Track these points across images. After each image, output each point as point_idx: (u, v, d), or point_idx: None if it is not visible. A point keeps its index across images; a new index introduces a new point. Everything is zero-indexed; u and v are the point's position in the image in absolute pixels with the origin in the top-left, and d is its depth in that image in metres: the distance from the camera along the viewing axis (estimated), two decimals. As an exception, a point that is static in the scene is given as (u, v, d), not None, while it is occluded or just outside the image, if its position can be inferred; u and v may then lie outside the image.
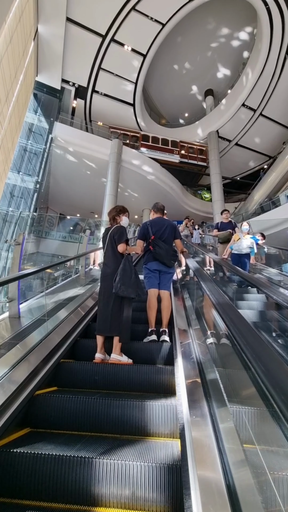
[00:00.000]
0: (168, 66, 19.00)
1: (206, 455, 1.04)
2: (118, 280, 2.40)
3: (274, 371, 0.73)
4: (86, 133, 15.35)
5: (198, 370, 1.66)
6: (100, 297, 2.59)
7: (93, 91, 15.81)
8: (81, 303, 3.11)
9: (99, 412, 1.60)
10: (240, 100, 16.42)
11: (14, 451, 1.25)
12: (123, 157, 15.38)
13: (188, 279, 4.08)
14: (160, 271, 2.95)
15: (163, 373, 2.02)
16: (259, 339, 0.95)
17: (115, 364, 2.14)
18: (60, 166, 15.83)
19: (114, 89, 15.90)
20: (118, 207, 2.87)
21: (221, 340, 1.84)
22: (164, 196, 17.35)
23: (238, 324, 1.14)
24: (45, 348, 2.05)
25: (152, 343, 2.53)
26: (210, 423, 1.19)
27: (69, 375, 2.09)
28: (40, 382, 1.79)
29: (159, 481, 1.15)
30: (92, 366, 2.12)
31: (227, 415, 1.19)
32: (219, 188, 16.31)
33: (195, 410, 1.32)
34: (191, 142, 19.10)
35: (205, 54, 18.46)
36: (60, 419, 1.61)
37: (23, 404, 1.56)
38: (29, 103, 13.60)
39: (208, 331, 2.13)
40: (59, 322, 2.47)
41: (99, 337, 2.37)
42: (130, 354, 2.38)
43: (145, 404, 1.59)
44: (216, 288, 1.88)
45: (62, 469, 1.20)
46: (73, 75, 15.02)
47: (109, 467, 1.19)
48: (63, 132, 14.39)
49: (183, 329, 2.45)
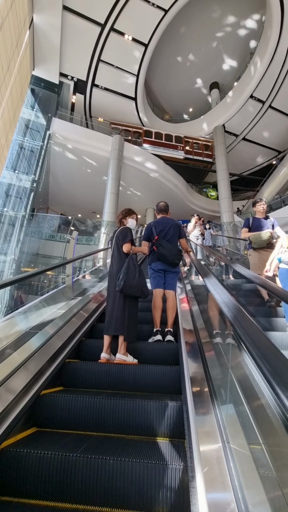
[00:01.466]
0: (171, 59, 18.17)
1: (212, 456, 1.03)
2: (121, 278, 2.44)
3: (280, 369, 0.66)
4: (85, 129, 14.61)
5: (204, 370, 1.63)
6: (107, 297, 2.64)
7: (93, 85, 15.08)
8: (85, 304, 3.08)
9: (105, 412, 1.59)
10: (247, 91, 15.51)
11: (21, 451, 1.25)
12: (124, 154, 14.64)
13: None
14: (165, 270, 2.96)
15: (169, 373, 2.01)
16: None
17: (120, 364, 2.13)
18: (59, 164, 15.16)
19: (115, 83, 15.14)
20: (125, 210, 2.93)
21: (226, 340, 1.77)
22: (168, 194, 16.59)
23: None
24: (50, 348, 2.04)
25: (157, 343, 2.54)
26: (216, 424, 1.16)
27: (74, 375, 2.09)
28: (46, 382, 1.79)
29: (165, 481, 1.15)
30: (97, 366, 2.11)
31: (233, 416, 1.13)
32: (226, 185, 15.43)
33: (201, 410, 1.31)
34: (196, 137, 18.24)
35: (210, 45, 17.58)
36: (66, 419, 1.61)
37: (29, 404, 1.56)
38: (25, 98, 12.94)
39: (214, 330, 2.05)
40: (63, 323, 2.43)
41: (106, 337, 2.38)
42: (136, 354, 2.38)
43: (151, 405, 1.59)
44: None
45: (68, 469, 1.19)
46: (71, 69, 14.30)
47: (115, 468, 1.18)
48: (62, 128, 13.70)
49: (188, 329, 2.42)
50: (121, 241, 2.66)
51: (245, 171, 20.90)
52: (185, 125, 19.29)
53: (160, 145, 17.12)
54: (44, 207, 19.06)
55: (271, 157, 19.80)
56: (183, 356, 1.99)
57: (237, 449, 1.01)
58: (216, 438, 1.09)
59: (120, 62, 14.27)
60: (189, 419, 1.33)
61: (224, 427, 1.11)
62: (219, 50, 17.85)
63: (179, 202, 17.45)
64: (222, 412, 1.20)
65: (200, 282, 2.93)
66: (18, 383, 1.58)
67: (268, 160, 20.08)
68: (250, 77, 15.26)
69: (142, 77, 14.99)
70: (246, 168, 20.74)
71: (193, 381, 1.59)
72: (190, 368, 1.74)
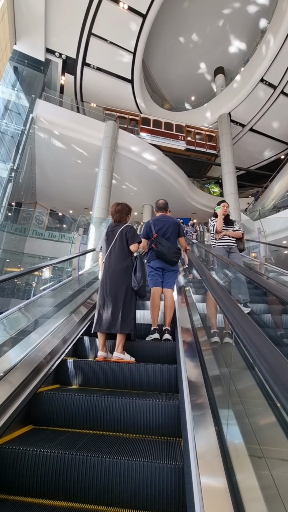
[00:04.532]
0: (172, 39, 16.44)
1: (208, 455, 1.03)
2: (141, 277, 2.48)
3: (280, 370, 0.65)
4: (73, 113, 12.90)
5: (201, 370, 1.60)
6: (104, 293, 2.49)
7: (84, 64, 13.34)
8: (84, 301, 3.11)
9: (102, 410, 1.60)
10: (258, 74, 13.81)
11: (17, 449, 1.25)
12: (119, 143, 12.97)
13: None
14: (164, 269, 2.96)
15: (166, 372, 2.00)
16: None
17: (118, 363, 2.12)
18: (46, 154, 13.47)
19: (109, 61, 13.40)
20: (129, 206, 2.86)
21: (224, 339, 1.89)
22: (168, 189, 14.97)
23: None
24: (47, 345, 2.06)
25: (154, 341, 2.56)
26: (213, 423, 1.15)
27: (71, 373, 2.08)
28: (43, 380, 1.79)
29: (161, 480, 1.15)
30: (95, 364, 2.11)
31: (230, 415, 1.11)
32: (232, 179, 13.80)
33: (197, 409, 1.31)
34: (198, 127, 16.56)
35: (216, 23, 15.84)
36: (62, 416, 1.61)
37: (26, 401, 1.56)
38: (3, 75, 11.21)
39: (212, 329, 2.14)
40: (60, 322, 2.47)
41: (100, 335, 2.38)
42: (133, 353, 2.38)
43: (148, 403, 1.59)
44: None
45: (64, 467, 1.19)
46: (59, 43, 12.56)
47: (111, 466, 1.19)
48: (47, 112, 11.99)
49: (186, 328, 2.38)
50: (130, 240, 2.62)
51: (250, 166, 19.26)
52: (186, 114, 17.61)
53: (159, 134, 15.42)
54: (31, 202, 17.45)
55: (280, 151, 18.16)
56: (180, 354, 2.00)
57: (235, 448, 0.98)
58: (213, 438, 1.07)
59: (115, 37, 12.52)
60: (186, 418, 1.34)
61: (221, 427, 1.09)
62: (225, 30, 16.12)
63: (179, 199, 15.84)
64: (220, 411, 1.18)
65: (198, 280, 3.03)
66: (14, 380, 1.59)
67: (276, 154, 18.44)
68: (261, 58, 13.56)
69: (140, 56, 13.26)
70: (252, 162, 19.09)
71: (190, 380, 1.57)
72: (187, 367, 1.72)
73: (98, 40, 12.53)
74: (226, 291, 1.49)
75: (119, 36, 12.51)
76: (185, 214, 17.64)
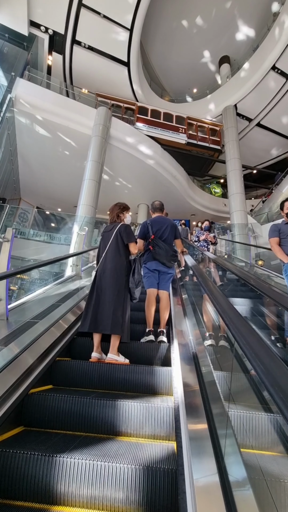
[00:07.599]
0: (174, 22, 14.94)
1: (202, 459, 1.02)
2: (139, 278, 2.50)
3: (274, 372, 0.68)
4: (60, 96, 11.23)
5: (196, 372, 1.61)
6: (96, 293, 2.45)
7: (74, 41, 11.73)
8: (78, 302, 3.09)
9: (94, 412, 1.57)
10: (269, 61, 12.36)
11: (7, 451, 1.22)
12: (112, 132, 11.38)
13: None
14: (160, 271, 2.96)
15: (160, 374, 1.98)
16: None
17: (112, 364, 2.09)
18: (28, 143, 11.82)
19: (102, 39, 11.81)
20: (122, 204, 2.84)
21: (219, 342, 1.89)
22: (166, 188, 13.44)
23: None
24: (40, 346, 2.01)
25: (149, 343, 2.54)
26: (207, 426, 1.14)
27: (64, 374, 2.05)
28: (35, 380, 1.76)
29: (154, 484, 1.13)
30: (88, 365, 2.08)
31: (225, 418, 1.15)
32: (238, 177, 12.30)
33: (192, 412, 1.30)
34: (201, 119, 15.05)
35: (223, 5, 14.38)
36: (54, 418, 1.59)
37: (17, 402, 1.53)
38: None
39: (207, 332, 2.14)
40: (54, 321, 2.40)
41: (95, 336, 2.33)
42: (127, 354, 2.35)
43: (141, 405, 1.57)
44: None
45: (56, 470, 1.17)
46: (44, 15, 10.95)
47: (103, 470, 1.17)
48: (28, 93, 10.35)
49: (181, 330, 2.40)
50: (125, 239, 2.58)
51: (256, 165, 17.83)
52: (188, 106, 16.12)
53: (158, 125, 13.88)
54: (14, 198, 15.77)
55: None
56: (175, 357, 2.01)
57: (229, 452, 0.98)
58: (207, 441, 1.06)
59: (109, 9, 10.94)
60: (180, 421, 1.36)
61: (216, 430, 1.09)
62: (233, 14, 14.67)
63: (177, 198, 14.32)
64: (214, 414, 1.17)
65: (194, 283, 3.09)
66: (6, 380, 1.55)
67: (284, 152, 17.05)
68: (274, 42, 12.11)
69: (137, 34, 11.70)
70: (258, 161, 17.68)
71: (185, 383, 1.57)
72: (182, 369, 1.72)
73: (89, 13, 10.94)
74: (223, 295, 1.44)
75: (114, 9, 10.93)
76: (184, 215, 16.13)
